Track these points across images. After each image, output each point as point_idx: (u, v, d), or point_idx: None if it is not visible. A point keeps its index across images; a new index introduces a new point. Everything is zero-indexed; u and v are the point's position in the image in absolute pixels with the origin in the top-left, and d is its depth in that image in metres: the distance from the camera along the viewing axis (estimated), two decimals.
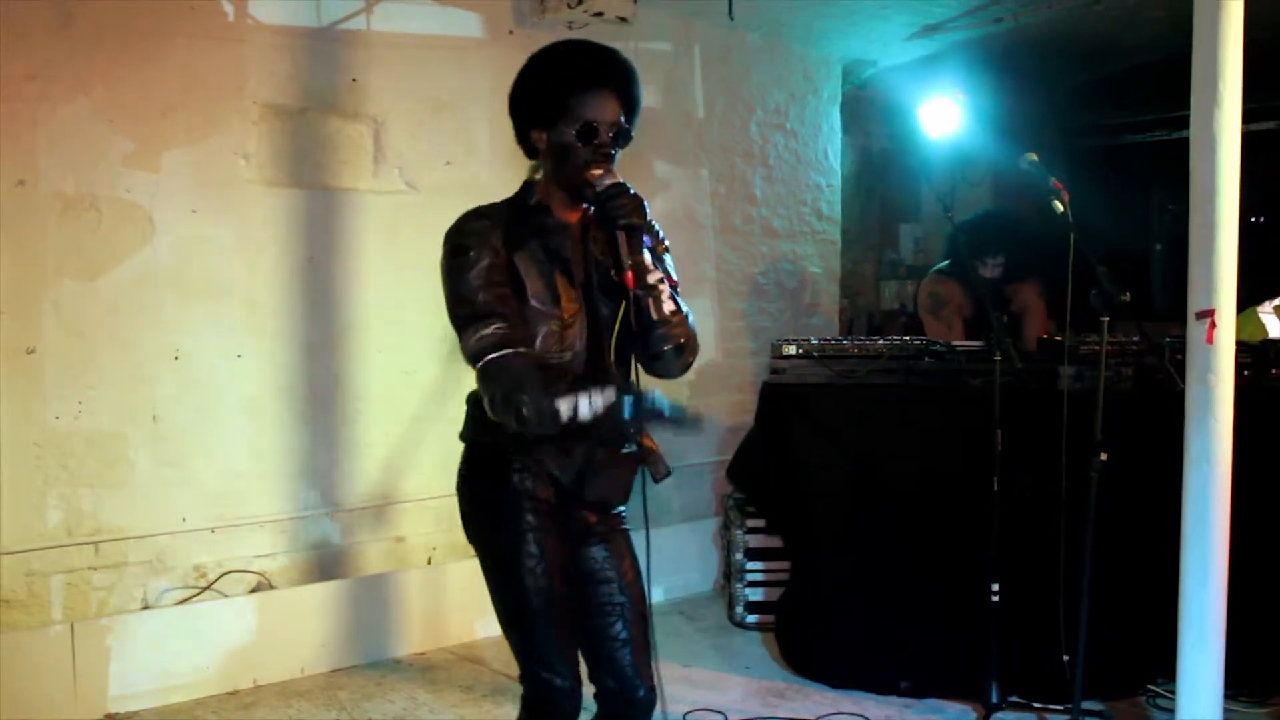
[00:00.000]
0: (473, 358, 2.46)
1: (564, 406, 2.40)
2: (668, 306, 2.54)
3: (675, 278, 2.64)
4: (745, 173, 6.31)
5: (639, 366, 2.63)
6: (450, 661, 4.73)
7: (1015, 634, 4.07)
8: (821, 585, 4.54)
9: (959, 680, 4.26)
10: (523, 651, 2.61)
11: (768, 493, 4.83)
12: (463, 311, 2.48)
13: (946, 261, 5.45)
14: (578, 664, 2.61)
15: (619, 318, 2.57)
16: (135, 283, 4.28)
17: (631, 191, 2.50)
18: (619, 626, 2.64)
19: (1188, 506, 3.55)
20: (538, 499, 2.55)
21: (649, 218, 2.54)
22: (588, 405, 2.42)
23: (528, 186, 2.65)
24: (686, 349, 2.60)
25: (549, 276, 2.52)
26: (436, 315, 2.63)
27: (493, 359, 2.43)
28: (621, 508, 2.71)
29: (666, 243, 2.70)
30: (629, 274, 2.47)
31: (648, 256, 2.52)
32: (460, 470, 2.69)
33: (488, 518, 2.61)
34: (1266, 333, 5.00)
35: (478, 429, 2.63)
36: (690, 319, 2.60)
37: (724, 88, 6.16)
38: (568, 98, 2.53)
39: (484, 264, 2.49)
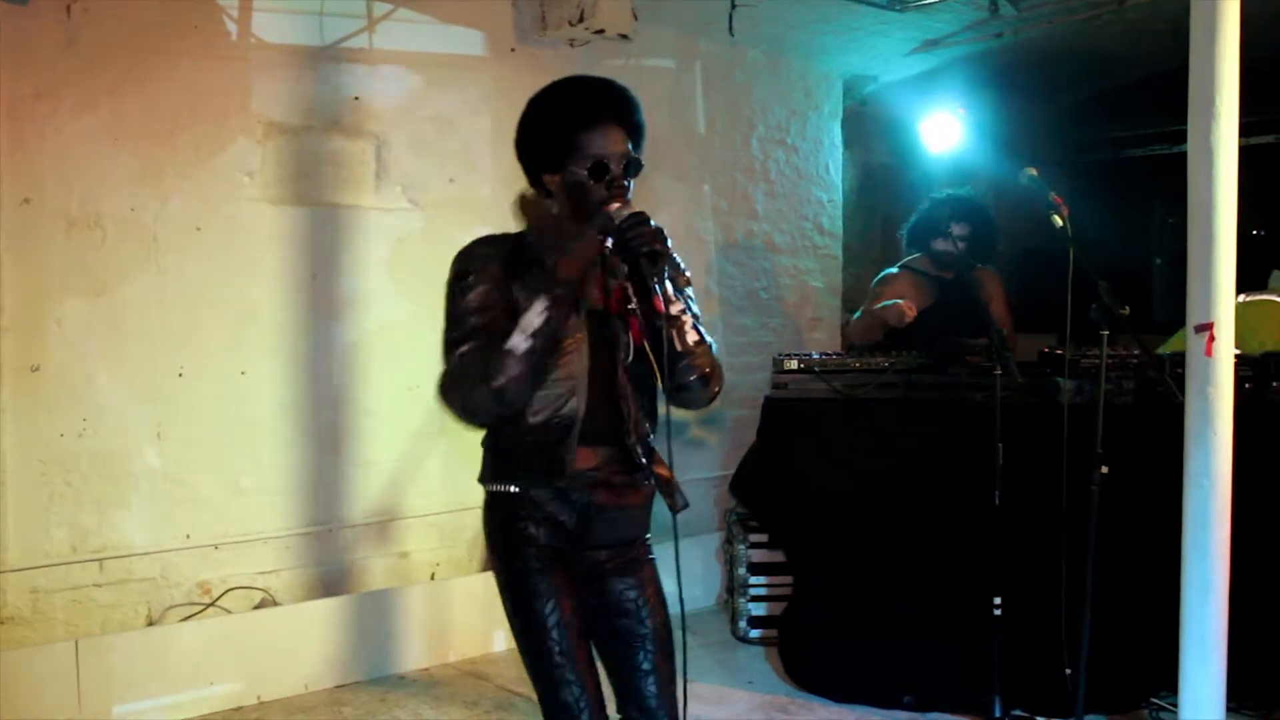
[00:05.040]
0: (441, 379, 2.46)
1: (516, 339, 2.38)
2: (691, 337, 2.53)
3: (698, 311, 2.61)
4: (747, 188, 6.33)
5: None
6: (454, 677, 4.74)
7: (1018, 647, 4.06)
8: (824, 600, 4.54)
9: (962, 694, 4.26)
10: (545, 699, 2.56)
11: (770, 507, 4.83)
12: (452, 335, 2.49)
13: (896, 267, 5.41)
14: (603, 706, 2.56)
15: (632, 346, 2.55)
16: (140, 300, 4.30)
17: (652, 223, 2.44)
18: (641, 657, 2.63)
19: (1188, 520, 3.56)
20: (543, 545, 2.54)
21: (670, 251, 2.50)
22: (538, 317, 2.39)
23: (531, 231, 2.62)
24: (712, 379, 2.58)
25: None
26: (440, 331, 2.64)
27: (449, 369, 2.44)
28: (648, 535, 2.69)
29: (688, 274, 2.67)
30: (656, 300, 2.41)
31: (669, 287, 2.48)
32: (482, 516, 2.67)
33: (501, 566, 2.60)
34: None
35: (487, 475, 2.62)
36: (714, 349, 2.59)
37: (725, 104, 6.19)
38: (575, 135, 2.50)
39: (482, 288, 2.49)
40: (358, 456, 4.85)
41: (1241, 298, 5.16)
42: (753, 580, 5.21)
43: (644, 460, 2.59)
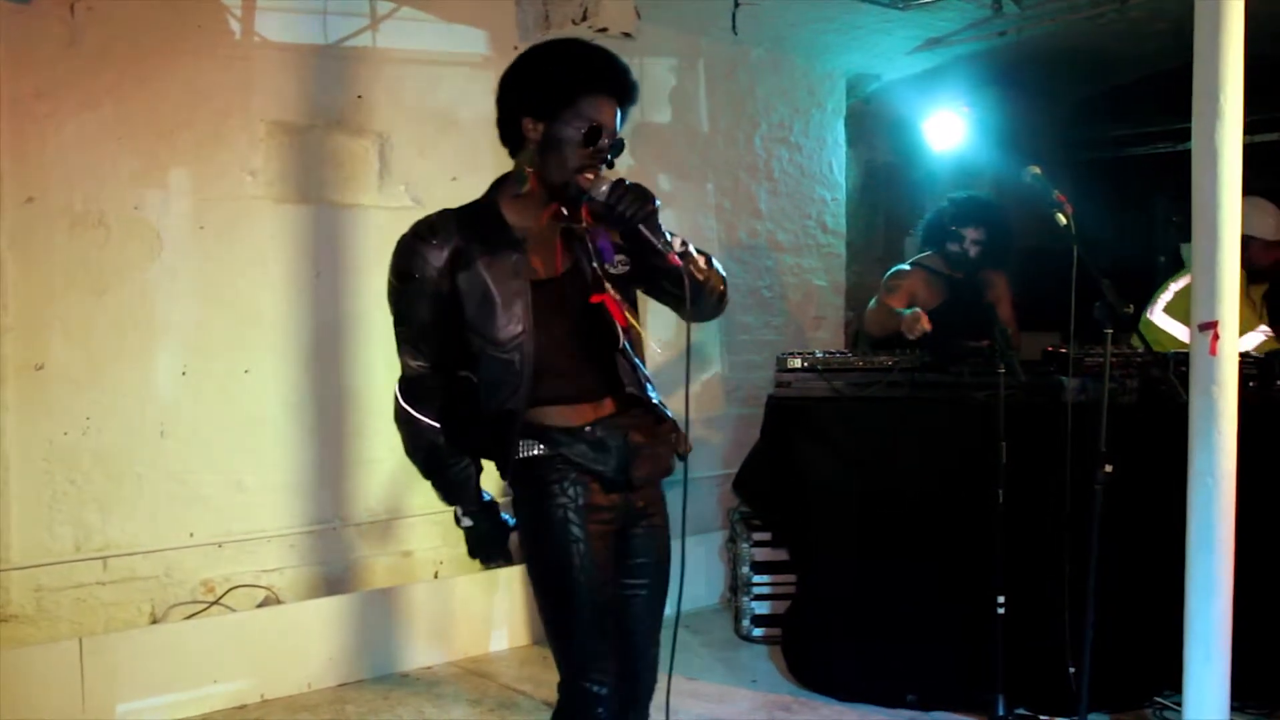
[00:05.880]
0: (399, 384, 2.66)
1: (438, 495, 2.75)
2: (701, 262, 2.62)
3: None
4: (750, 187, 6.33)
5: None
6: (457, 675, 4.74)
7: (1021, 646, 4.06)
8: (828, 599, 4.53)
9: (965, 693, 4.25)
10: (565, 659, 2.60)
11: (774, 506, 4.82)
12: (400, 330, 2.62)
13: (908, 263, 5.39)
14: (616, 673, 2.61)
15: (619, 329, 2.60)
16: (143, 299, 4.30)
17: (627, 181, 2.50)
18: (640, 603, 2.71)
19: (1192, 520, 3.55)
20: (581, 504, 2.55)
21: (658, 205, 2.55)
22: (455, 510, 2.74)
23: (511, 178, 2.64)
24: (725, 292, 2.72)
25: (489, 300, 2.51)
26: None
27: (407, 410, 2.65)
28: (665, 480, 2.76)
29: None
30: (670, 257, 2.50)
31: (666, 234, 2.54)
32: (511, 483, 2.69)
33: (534, 530, 2.61)
34: (1173, 336, 4.96)
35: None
36: (713, 260, 2.68)
37: (728, 102, 6.18)
38: (578, 94, 2.51)
39: (423, 288, 2.53)
40: (361, 455, 4.85)
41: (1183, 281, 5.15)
42: (756, 579, 5.20)
43: (667, 413, 2.71)
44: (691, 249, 2.59)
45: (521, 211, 2.62)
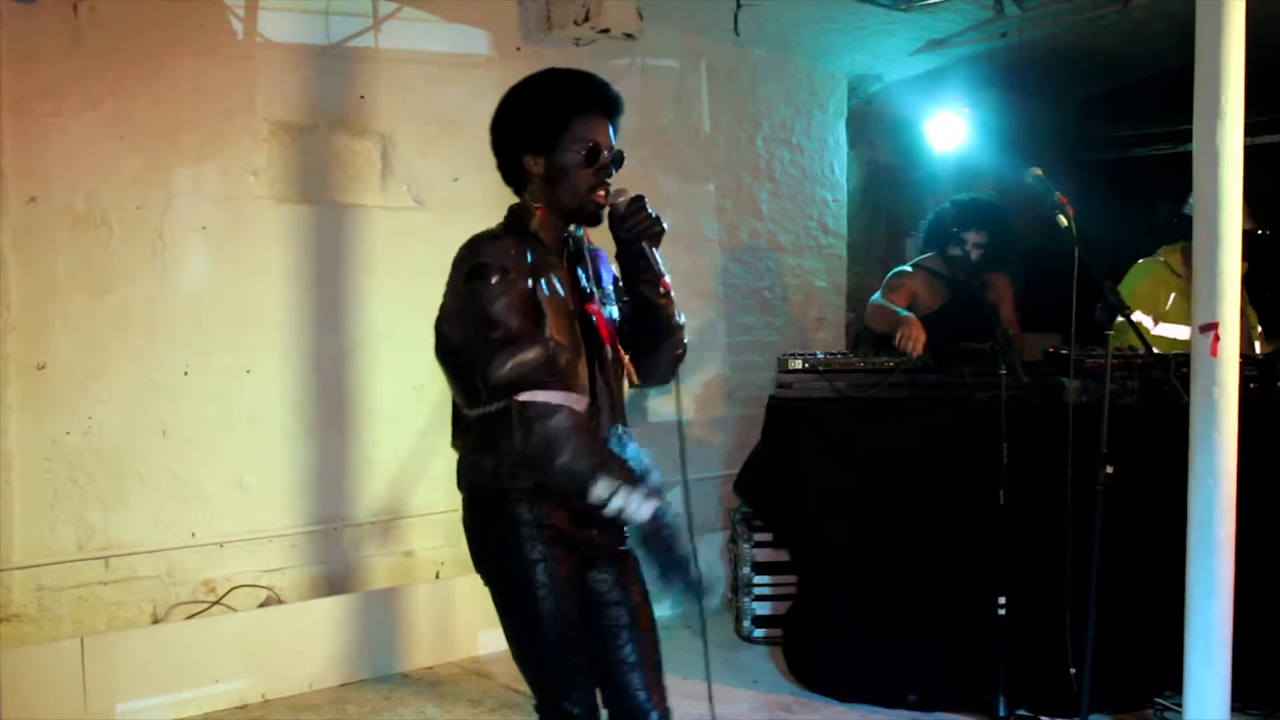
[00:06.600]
0: (510, 385, 2.37)
1: (602, 488, 2.36)
2: (679, 315, 2.68)
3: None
4: (752, 188, 6.33)
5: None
6: (458, 675, 4.74)
7: (1022, 647, 4.06)
8: (829, 599, 4.54)
9: (966, 693, 4.25)
10: (540, 683, 2.57)
11: (775, 506, 4.82)
12: (495, 335, 2.37)
13: (910, 265, 5.38)
14: (595, 692, 2.58)
15: (609, 350, 2.61)
16: (145, 298, 4.31)
17: (644, 201, 2.57)
18: (627, 649, 2.62)
19: (1193, 520, 3.55)
20: (545, 526, 2.51)
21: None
22: (628, 502, 2.38)
23: (522, 210, 2.61)
24: (684, 354, 2.74)
25: (565, 309, 2.50)
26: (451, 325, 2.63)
27: (538, 403, 2.35)
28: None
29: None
30: (664, 281, 2.59)
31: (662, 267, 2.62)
32: (464, 512, 2.65)
33: (498, 554, 2.57)
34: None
35: (477, 472, 2.58)
36: (683, 319, 2.74)
37: (730, 103, 6.18)
38: (571, 119, 2.53)
39: (518, 288, 2.42)
40: (362, 455, 4.86)
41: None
42: (757, 579, 5.21)
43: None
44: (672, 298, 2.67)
45: (548, 242, 2.62)
